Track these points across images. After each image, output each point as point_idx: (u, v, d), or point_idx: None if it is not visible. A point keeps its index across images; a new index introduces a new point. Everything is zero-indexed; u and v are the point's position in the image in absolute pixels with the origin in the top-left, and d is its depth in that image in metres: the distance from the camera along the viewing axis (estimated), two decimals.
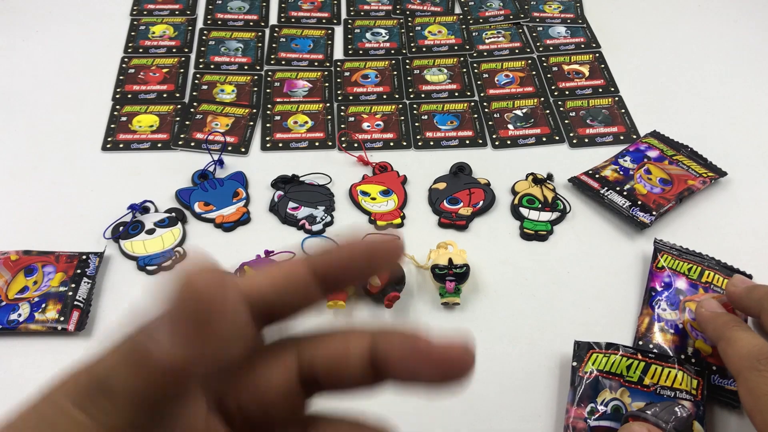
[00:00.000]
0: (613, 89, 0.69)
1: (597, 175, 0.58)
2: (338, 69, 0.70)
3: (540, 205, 0.57)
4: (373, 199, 0.58)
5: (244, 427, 0.22)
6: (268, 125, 0.64)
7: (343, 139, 0.63)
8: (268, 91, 0.68)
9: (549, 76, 0.70)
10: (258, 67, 0.70)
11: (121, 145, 0.62)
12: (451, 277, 0.49)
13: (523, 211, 0.57)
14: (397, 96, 0.68)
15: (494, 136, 0.64)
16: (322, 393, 0.24)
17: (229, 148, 0.62)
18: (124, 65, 0.70)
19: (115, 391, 0.18)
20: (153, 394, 0.19)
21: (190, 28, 0.74)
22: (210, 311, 0.18)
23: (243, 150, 0.62)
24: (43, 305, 0.48)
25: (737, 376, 0.38)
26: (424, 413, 0.44)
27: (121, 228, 0.54)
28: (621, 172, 0.59)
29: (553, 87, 0.69)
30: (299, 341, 0.23)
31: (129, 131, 0.63)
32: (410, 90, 0.68)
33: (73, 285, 0.49)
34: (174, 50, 0.72)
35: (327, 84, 0.69)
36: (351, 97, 0.67)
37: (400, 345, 0.22)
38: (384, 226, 0.55)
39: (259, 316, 0.22)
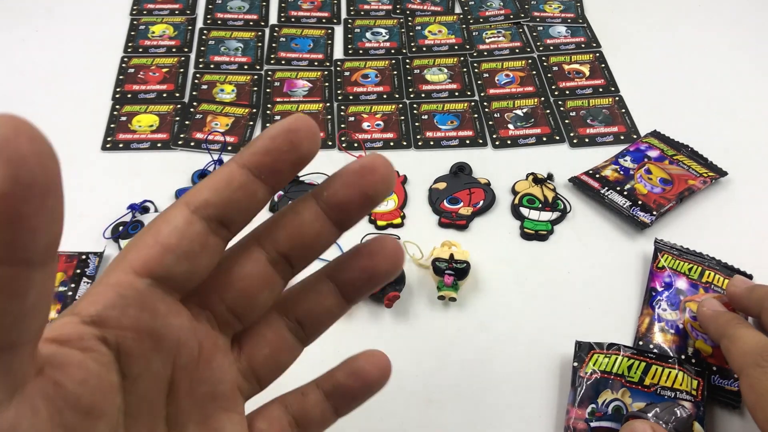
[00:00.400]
0: (613, 89, 0.69)
1: (597, 175, 0.58)
2: (338, 69, 0.70)
3: (540, 205, 0.57)
4: None
5: (236, 323, 0.25)
6: (268, 125, 0.64)
7: (343, 138, 0.63)
8: (268, 90, 0.68)
9: (549, 75, 0.70)
10: (258, 67, 0.70)
11: (120, 145, 0.62)
12: (451, 271, 0.49)
13: (524, 210, 0.57)
14: (397, 96, 0.68)
15: (494, 136, 0.64)
16: (297, 268, 0.26)
17: (229, 148, 0.62)
18: (123, 65, 0.70)
19: None
20: None
21: (189, 27, 0.74)
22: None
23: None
24: None
25: (740, 373, 0.38)
26: (424, 413, 0.44)
27: (120, 228, 0.54)
28: (621, 172, 0.58)
29: (553, 87, 0.69)
30: (257, 234, 0.26)
31: (129, 131, 0.63)
32: (410, 90, 0.68)
33: (72, 285, 0.49)
34: (174, 50, 0.72)
35: (327, 84, 0.69)
36: (351, 97, 0.67)
37: (340, 181, 0.25)
38: (384, 226, 0.55)
39: (217, 227, 0.23)
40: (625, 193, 0.56)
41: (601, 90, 0.69)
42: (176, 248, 0.22)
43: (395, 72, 0.70)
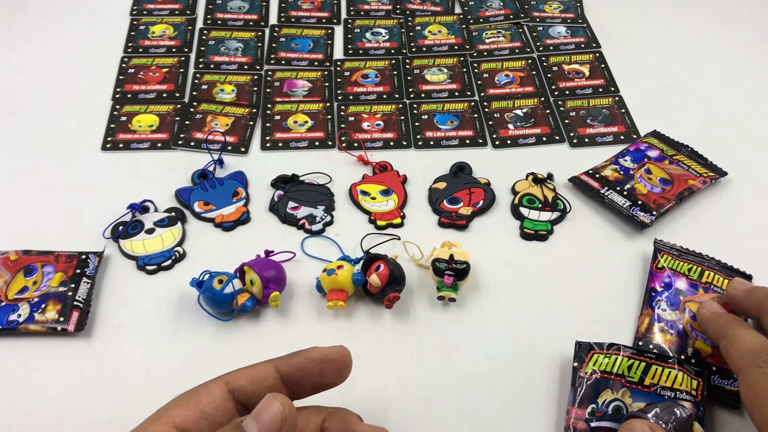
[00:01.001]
0: (613, 89, 0.69)
1: (597, 175, 0.58)
2: (338, 69, 0.70)
3: (540, 205, 0.57)
4: (373, 198, 0.58)
5: None
6: (267, 125, 0.64)
7: (343, 138, 0.63)
8: (267, 90, 0.68)
9: (549, 75, 0.70)
10: (258, 67, 0.70)
11: (120, 145, 0.62)
12: (450, 272, 0.49)
13: (524, 210, 0.57)
14: (397, 96, 0.68)
15: (494, 136, 0.64)
16: None
17: (229, 148, 0.62)
18: (123, 65, 0.70)
19: None
20: None
21: (189, 27, 0.74)
22: None
23: (243, 149, 0.62)
24: (43, 305, 0.48)
25: (738, 373, 0.38)
26: (424, 413, 0.44)
27: (120, 228, 0.54)
28: (621, 172, 0.58)
29: (553, 87, 0.69)
30: None
31: (129, 131, 0.63)
32: (410, 90, 0.68)
33: (72, 285, 0.49)
34: (174, 50, 0.72)
35: (327, 84, 0.69)
36: (351, 97, 0.67)
37: (339, 422, 0.30)
38: (384, 226, 0.55)
39: (242, 408, 0.29)
40: (625, 193, 0.56)
41: (601, 90, 0.69)
42: (211, 417, 0.28)
43: (395, 72, 0.70)
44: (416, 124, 0.65)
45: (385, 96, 0.68)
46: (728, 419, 0.44)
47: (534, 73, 0.71)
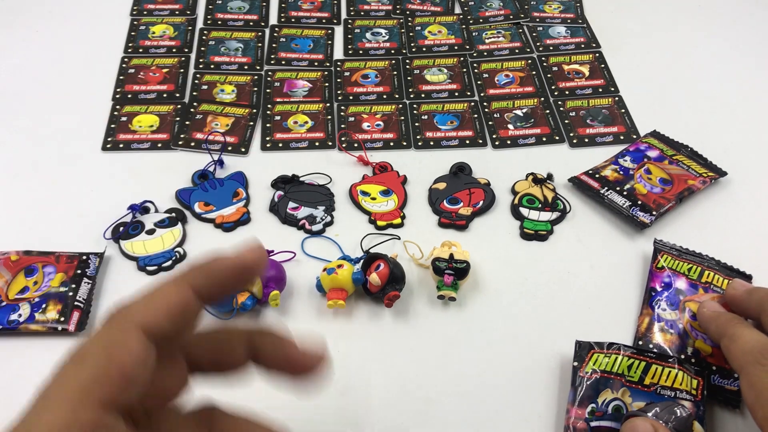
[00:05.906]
0: (613, 89, 0.69)
1: (597, 175, 0.59)
2: (338, 69, 0.70)
3: (540, 205, 0.57)
4: (373, 199, 0.58)
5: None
6: (268, 125, 0.64)
7: (343, 139, 0.63)
8: (268, 91, 0.68)
9: (549, 76, 0.70)
10: (258, 67, 0.70)
11: (121, 145, 0.62)
12: (450, 271, 0.49)
13: (523, 211, 0.57)
14: (397, 96, 0.68)
15: (494, 136, 0.64)
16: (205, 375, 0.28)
17: (229, 148, 0.62)
18: (124, 65, 0.70)
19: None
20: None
21: (190, 28, 0.74)
22: None
23: (243, 150, 0.62)
24: (44, 305, 0.48)
25: (740, 371, 0.38)
26: (424, 413, 0.44)
27: (121, 228, 0.54)
28: (621, 172, 0.59)
29: (553, 87, 0.69)
30: (187, 344, 0.27)
31: (129, 131, 0.63)
32: (410, 90, 0.68)
33: (73, 285, 0.49)
34: (174, 50, 0.72)
35: (327, 84, 0.69)
36: (351, 97, 0.67)
37: (272, 344, 0.27)
38: (384, 226, 0.55)
39: (158, 342, 0.24)
40: (625, 193, 0.56)
41: (600, 90, 0.69)
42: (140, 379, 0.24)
43: (395, 72, 0.70)
44: (416, 124, 0.65)
45: (385, 96, 0.68)
46: (728, 419, 0.44)
47: (534, 73, 0.71)
